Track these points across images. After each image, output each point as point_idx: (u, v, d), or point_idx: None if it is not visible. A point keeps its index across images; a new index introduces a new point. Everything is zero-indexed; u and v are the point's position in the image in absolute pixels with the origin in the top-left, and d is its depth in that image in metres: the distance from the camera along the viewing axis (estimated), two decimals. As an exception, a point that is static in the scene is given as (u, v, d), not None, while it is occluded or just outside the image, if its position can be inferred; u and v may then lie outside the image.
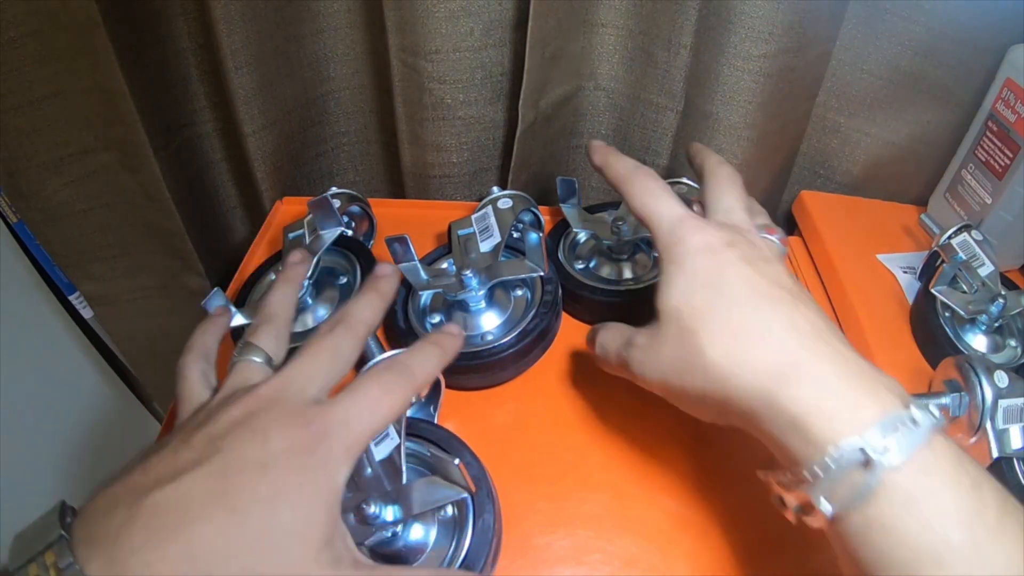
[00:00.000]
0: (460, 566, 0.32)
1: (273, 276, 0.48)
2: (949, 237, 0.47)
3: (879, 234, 0.55)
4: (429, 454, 0.36)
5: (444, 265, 0.47)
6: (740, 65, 0.49)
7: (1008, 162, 0.47)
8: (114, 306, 0.71)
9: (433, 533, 0.34)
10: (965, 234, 0.47)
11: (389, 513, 0.31)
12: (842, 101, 0.57)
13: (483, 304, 0.44)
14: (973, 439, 0.37)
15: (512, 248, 0.48)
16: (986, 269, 0.46)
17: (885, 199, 0.59)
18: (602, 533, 0.37)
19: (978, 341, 0.45)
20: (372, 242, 0.54)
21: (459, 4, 0.50)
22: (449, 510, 0.29)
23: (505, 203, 0.48)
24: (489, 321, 0.45)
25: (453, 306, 0.45)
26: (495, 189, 0.50)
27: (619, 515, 0.38)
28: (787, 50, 0.49)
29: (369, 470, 0.32)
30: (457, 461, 0.30)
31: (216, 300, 0.39)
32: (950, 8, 0.49)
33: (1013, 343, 0.45)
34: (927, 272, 0.48)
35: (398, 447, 0.32)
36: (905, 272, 0.51)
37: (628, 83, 0.58)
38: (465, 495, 0.32)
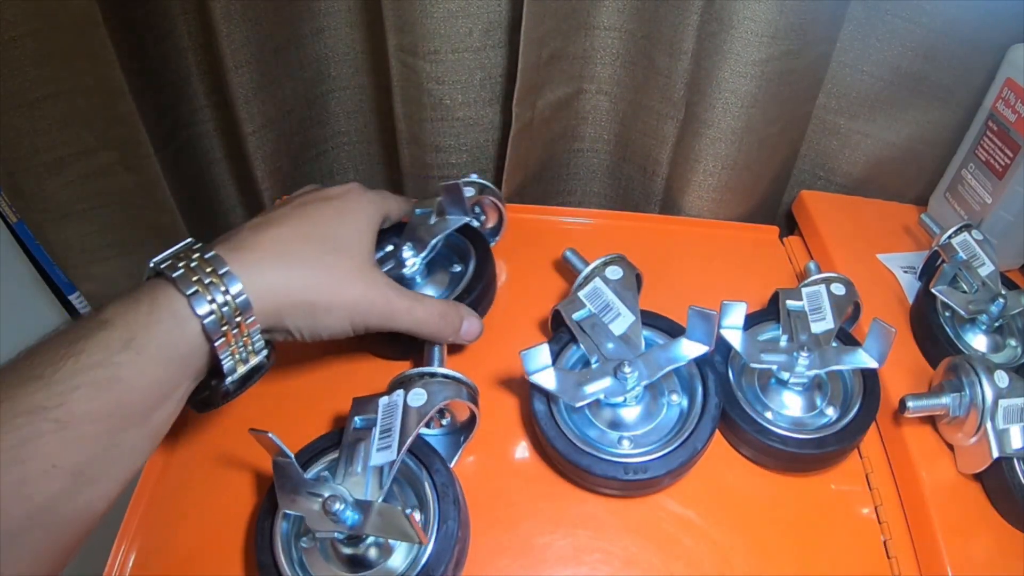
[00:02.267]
0: (421, 571, 0.32)
1: (389, 247, 0.47)
2: (949, 237, 0.47)
3: (879, 234, 0.55)
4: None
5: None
6: (741, 70, 0.49)
7: (1008, 162, 0.47)
8: (114, 306, 0.70)
9: None
10: (965, 234, 0.47)
11: (348, 519, 0.31)
12: (842, 102, 0.56)
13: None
14: (973, 439, 0.37)
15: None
16: (986, 269, 0.46)
17: (885, 199, 0.59)
18: (602, 533, 0.37)
19: (978, 341, 0.45)
20: (497, 239, 0.53)
21: (458, 5, 0.50)
22: (417, 515, 0.29)
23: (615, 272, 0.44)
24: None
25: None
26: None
27: (619, 515, 0.38)
28: (788, 53, 0.49)
29: (359, 468, 0.33)
30: (409, 511, 0.29)
31: None
32: (950, 8, 0.49)
33: (1013, 343, 0.45)
34: (927, 272, 0.48)
35: (392, 463, 0.33)
36: (905, 272, 0.51)
37: (631, 88, 0.57)
38: (416, 544, 0.32)
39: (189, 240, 0.33)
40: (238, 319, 0.31)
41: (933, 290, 0.44)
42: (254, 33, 0.52)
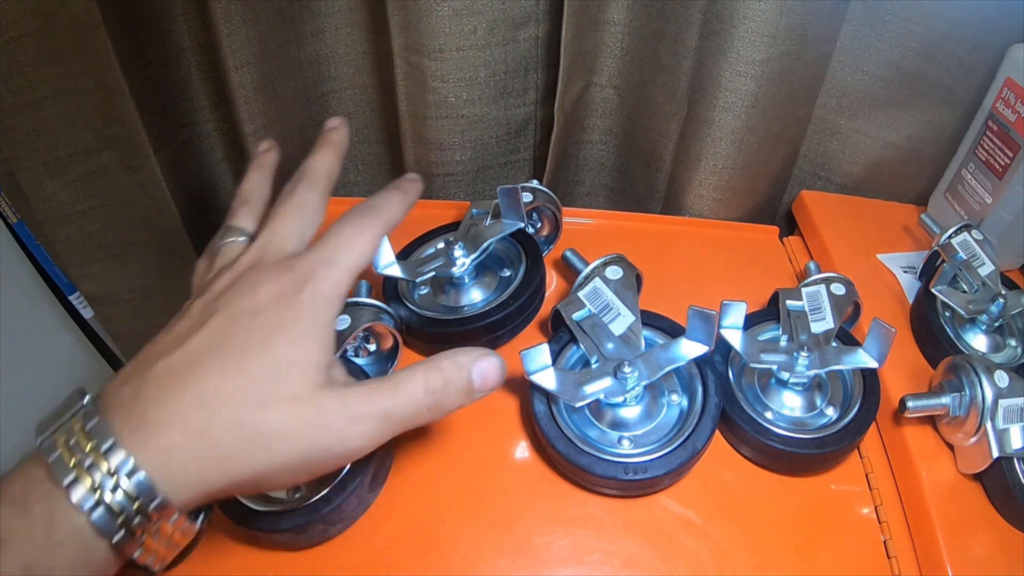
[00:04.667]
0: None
1: (441, 244, 0.47)
2: (949, 237, 0.47)
3: (879, 234, 0.55)
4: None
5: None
6: (742, 69, 0.49)
7: (1008, 161, 0.47)
8: (114, 306, 0.70)
9: None
10: (965, 233, 0.47)
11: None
12: (842, 102, 0.56)
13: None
14: (973, 439, 0.37)
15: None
16: (986, 269, 0.46)
17: (885, 199, 0.59)
18: (602, 533, 0.37)
19: (978, 341, 0.45)
20: (551, 247, 0.53)
21: (462, 3, 0.51)
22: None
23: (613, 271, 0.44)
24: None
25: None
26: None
27: (619, 515, 0.38)
28: (789, 53, 0.49)
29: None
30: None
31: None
32: (950, 8, 0.49)
33: (1013, 343, 0.45)
34: (927, 272, 0.48)
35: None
36: (905, 272, 0.51)
37: (638, 83, 0.58)
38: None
39: (79, 404, 0.26)
40: (152, 519, 0.25)
41: (933, 290, 0.44)
42: (254, 33, 0.52)
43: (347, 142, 0.37)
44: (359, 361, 0.43)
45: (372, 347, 0.44)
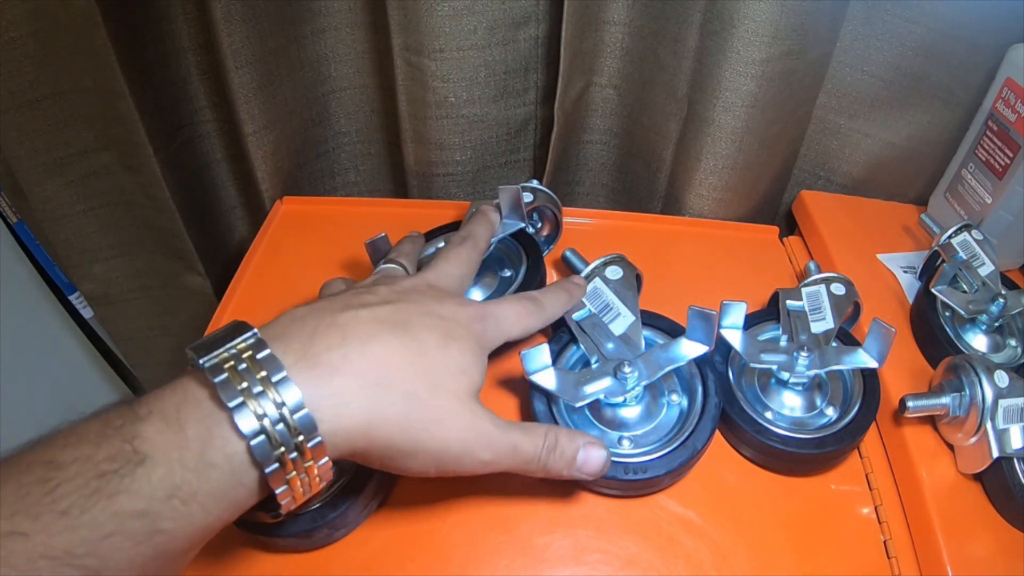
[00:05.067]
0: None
1: (442, 244, 0.47)
2: (949, 237, 0.47)
3: (879, 234, 0.55)
4: None
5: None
6: (742, 69, 0.49)
7: (1008, 161, 0.47)
8: (114, 306, 0.71)
9: None
10: (965, 233, 0.47)
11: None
12: (842, 102, 0.56)
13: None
14: (973, 439, 0.37)
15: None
16: (986, 269, 0.46)
17: (885, 199, 0.59)
18: (602, 533, 0.37)
19: (978, 341, 0.45)
20: (551, 247, 0.53)
21: (462, 3, 0.51)
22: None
23: (615, 271, 0.44)
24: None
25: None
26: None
27: (619, 515, 0.38)
28: (789, 53, 0.49)
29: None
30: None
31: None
32: (950, 8, 0.49)
33: (1013, 343, 0.45)
34: (927, 272, 0.48)
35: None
36: (905, 272, 0.51)
37: (638, 83, 0.58)
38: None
39: (248, 333, 0.27)
40: (306, 457, 0.26)
41: (933, 290, 0.44)
42: (254, 33, 0.52)
43: (498, 221, 0.45)
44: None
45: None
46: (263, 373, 0.25)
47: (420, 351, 0.29)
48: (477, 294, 0.46)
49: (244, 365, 0.25)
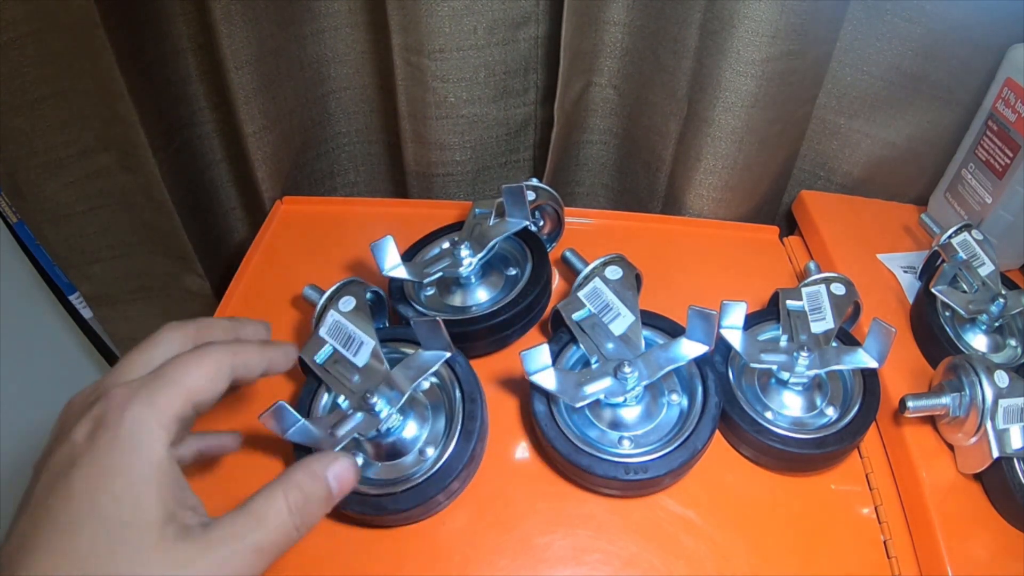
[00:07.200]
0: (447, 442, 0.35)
1: (446, 244, 0.48)
2: (949, 237, 0.47)
3: (879, 234, 0.55)
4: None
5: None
6: (742, 69, 0.49)
7: (1008, 161, 0.47)
8: (114, 306, 0.71)
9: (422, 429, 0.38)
10: (965, 233, 0.47)
11: (386, 401, 0.35)
12: (842, 102, 0.56)
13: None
14: (973, 439, 0.37)
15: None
16: (986, 269, 0.46)
17: (885, 199, 0.59)
18: (602, 533, 0.37)
19: (978, 341, 0.45)
20: (554, 244, 0.53)
21: (462, 3, 0.51)
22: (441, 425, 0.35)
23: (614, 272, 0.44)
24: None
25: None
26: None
27: (619, 515, 0.38)
28: (789, 53, 0.49)
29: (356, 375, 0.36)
30: (437, 316, 0.34)
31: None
32: (950, 8, 0.49)
33: (1013, 343, 0.45)
34: (927, 272, 0.48)
35: (375, 348, 0.37)
36: (905, 272, 0.51)
37: (638, 83, 0.58)
38: (447, 354, 0.35)
39: None
40: None
41: (933, 290, 0.44)
42: (254, 33, 0.52)
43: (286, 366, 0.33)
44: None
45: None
46: None
47: (71, 543, 0.23)
48: (483, 294, 0.46)
49: None
